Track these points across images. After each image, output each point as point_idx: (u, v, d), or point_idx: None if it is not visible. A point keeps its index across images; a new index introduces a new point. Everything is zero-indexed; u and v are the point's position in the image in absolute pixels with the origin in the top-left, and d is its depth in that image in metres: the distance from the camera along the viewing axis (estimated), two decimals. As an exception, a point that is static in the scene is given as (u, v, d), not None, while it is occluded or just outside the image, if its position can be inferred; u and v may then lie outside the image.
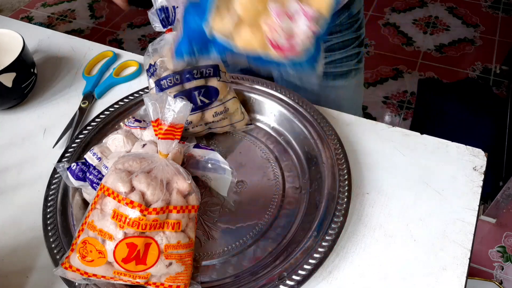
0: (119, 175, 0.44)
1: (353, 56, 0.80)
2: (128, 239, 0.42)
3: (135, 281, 0.45)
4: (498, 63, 2.02)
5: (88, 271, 0.44)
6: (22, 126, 0.71)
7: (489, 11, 2.32)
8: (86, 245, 0.43)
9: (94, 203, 0.45)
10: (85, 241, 0.44)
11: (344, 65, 0.80)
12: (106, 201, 0.44)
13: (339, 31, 0.76)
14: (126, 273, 0.44)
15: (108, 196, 0.44)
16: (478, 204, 0.55)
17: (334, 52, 0.78)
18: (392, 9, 2.37)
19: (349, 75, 0.82)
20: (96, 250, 0.43)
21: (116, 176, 0.44)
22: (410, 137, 0.63)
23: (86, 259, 0.43)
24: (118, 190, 0.43)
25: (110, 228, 0.43)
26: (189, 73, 0.58)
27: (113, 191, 0.43)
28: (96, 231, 0.43)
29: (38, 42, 0.86)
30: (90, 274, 0.44)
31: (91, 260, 0.43)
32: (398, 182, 0.58)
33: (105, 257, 0.43)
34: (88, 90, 0.75)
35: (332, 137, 0.59)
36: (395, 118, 1.84)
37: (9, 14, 2.51)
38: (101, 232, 0.43)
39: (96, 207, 0.44)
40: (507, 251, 1.39)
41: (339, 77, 0.82)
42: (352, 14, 0.76)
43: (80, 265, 0.44)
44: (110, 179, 0.44)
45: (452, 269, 0.50)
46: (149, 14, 0.57)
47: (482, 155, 0.61)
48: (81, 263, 0.44)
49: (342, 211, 0.51)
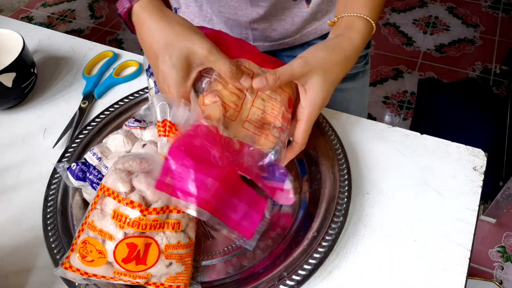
0: (119, 175, 0.44)
1: (361, 58, 0.79)
2: (128, 239, 0.42)
3: (135, 281, 0.45)
4: (498, 63, 2.02)
5: (88, 271, 0.44)
6: (22, 126, 0.71)
7: (489, 11, 2.32)
8: (86, 245, 0.43)
9: (94, 203, 0.45)
10: (85, 241, 0.44)
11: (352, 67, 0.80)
12: (106, 201, 0.44)
13: None
14: (126, 273, 0.44)
15: (108, 196, 0.44)
16: (478, 204, 0.55)
17: None
18: (392, 9, 2.37)
19: (357, 77, 0.81)
20: (96, 250, 0.43)
21: (116, 176, 0.44)
22: (410, 137, 0.63)
23: (86, 259, 0.43)
24: (118, 190, 0.43)
25: (110, 228, 0.43)
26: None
27: (113, 191, 0.43)
28: (96, 231, 0.43)
29: (38, 42, 0.86)
30: (90, 274, 0.44)
31: (91, 260, 0.43)
32: (398, 182, 0.58)
33: (105, 257, 0.43)
34: (88, 90, 0.75)
35: (332, 137, 0.59)
36: (395, 118, 1.84)
37: (9, 14, 2.51)
38: (101, 232, 0.43)
39: (96, 207, 0.44)
40: (507, 251, 1.39)
41: (347, 79, 0.78)
42: None
43: (80, 265, 0.44)
44: (110, 179, 0.44)
45: (452, 269, 0.50)
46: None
47: (482, 155, 0.61)
48: (81, 263, 0.44)
49: (342, 211, 0.51)
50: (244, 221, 0.46)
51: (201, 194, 0.42)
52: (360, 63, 0.80)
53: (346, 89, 0.81)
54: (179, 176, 0.43)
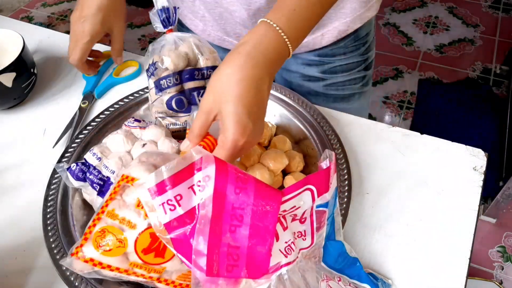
0: (146, 167, 0.44)
1: (357, 80, 0.76)
2: (152, 229, 0.41)
3: (148, 276, 0.43)
4: (498, 63, 2.02)
5: (102, 261, 0.43)
6: (22, 126, 0.71)
7: (489, 11, 2.32)
8: (105, 233, 0.43)
9: (114, 193, 0.44)
10: (104, 229, 0.43)
11: (346, 88, 0.76)
12: (129, 191, 0.44)
13: (343, 53, 0.72)
14: (143, 265, 0.43)
15: (132, 185, 0.43)
16: (478, 204, 0.55)
17: (336, 75, 0.74)
18: (392, 9, 2.37)
19: (352, 98, 0.77)
20: (116, 239, 0.42)
21: (142, 167, 0.44)
22: (410, 137, 0.63)
23: (103, 248, 0.42)
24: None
25: (133, 216, 0.42)
26: (189, 73, 0.58)
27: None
28: (117, 219, 0.43)
29: (38, 42, 0.86)
30: (104, 265, 0.43)
31: (109, 250, 0.42)
32: (398, 182, 0.58)
33: (125, 247, 0.42)
34: (88, 90, 0.75)
35: (332, 137, 0.59)
36: (395, 118, 1.84)
37: (9, 14, 2.51)
38: (123, 221, 0.42)
39: (117, 198, 0.44)
40: (507, 251, 1.39)
41: (341, 100, 0.77)
42: (359, 37, 0.71)
43: (94, 254, 0.43)
44: (135, 170, 0.44)
45: (452, 269, 0.50)
46: (150, 15, 0.57)
47: (482, 155, 0.61)
48: (96, 252, 0.42)
49: (342, 211, 0.51)
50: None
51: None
52: (356, 84, 0.76)
53: (340, 109, 0.76)
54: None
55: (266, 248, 0.38)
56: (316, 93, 0.77)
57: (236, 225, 0.38)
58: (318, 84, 0.76)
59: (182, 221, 0.38)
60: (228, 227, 0.38)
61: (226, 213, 0.38)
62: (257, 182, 0.39)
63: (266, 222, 0.38)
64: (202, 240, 0.37)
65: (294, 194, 0.40)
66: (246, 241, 0.38)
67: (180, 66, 0.57)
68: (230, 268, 0.38)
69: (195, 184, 0.39)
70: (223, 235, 0.38)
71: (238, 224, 0.38)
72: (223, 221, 0.38)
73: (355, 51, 0.72)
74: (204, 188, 0.38)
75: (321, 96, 0.77)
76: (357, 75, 0.75)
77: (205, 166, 0.39)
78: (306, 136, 0.61)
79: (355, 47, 0.72)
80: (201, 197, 0.38)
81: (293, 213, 0.42)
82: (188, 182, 0.39)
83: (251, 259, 0.38)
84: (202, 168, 0.39)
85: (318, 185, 0.41)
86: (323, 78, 0.75)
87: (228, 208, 0.38)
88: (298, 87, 0.78)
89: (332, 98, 0.77)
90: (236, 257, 0.38)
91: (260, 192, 0.39)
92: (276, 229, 0.39)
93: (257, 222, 0.38)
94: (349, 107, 0.77)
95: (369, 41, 0.74)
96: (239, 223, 0.38)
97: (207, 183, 0.38)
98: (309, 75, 0.76)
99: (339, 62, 0.73)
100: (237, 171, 0.39)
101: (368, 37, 0.73)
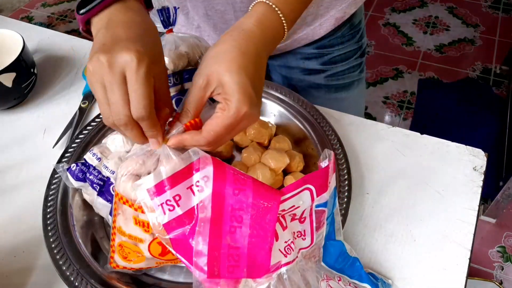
0: (127, 184, 0.42)
1: (355, 67, 0.78)
2: (158, 239, 0.43)
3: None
4: (498, 63, 2.02)
5: (133, 266, 0.46)
6: (22, 126, 0.71)
7: (489, 11, 2.32)
8: (123, 248, 0.45)
9: (115, 209, 0.44)
10: (121, 244, 0.45)
11: (346, 77, 0.78)
12: (124, 208, 0.44)
13: (341, 43, 0.74)
14: (168, 261, 0.45)
15: (124, 204, 0.43)
16: (478, 204, 0.55)
17: (336, 65, 0.76)
18: (392, 9, 2.37)
19: (352, 86, 0.80)
20: (133, 251, 0.44)
21: (124, 186, 0.43)
22: (410, 137, 0.63)
23: (127, 259, 0.45)
24: (131, 198, 0.42)
25: (137, 232, 0.43)
26: (189, 73, 0.58)
27: (127, 200, 0.42)
28: (126, 236, 0.44)
29: (38, 42, 0.86)
30: (137, 268, 0.46)
31: (133, 260, 0.45)
32: (398, 182, 0.58)
33: (143, 255, 0.44)
34: (88, 90, 0.75)
35: (332, 137, 0.59)
36: (395, 118, 1.84)
37: (9, 14, 2.51)
38: (131, 237, 0.44)
39: (119, 213, 0.44)
40: (507, 251, 1.39)
41: (342, 89, 0.79)
42: (353, 25, 0.74)
43: (125, 264, 0.46)
44: (120, 188, 0.43)
45: (452, 269, 0.50)
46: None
47: (482, 155, 0.61)
48: (125, 263, 0.46)
49: (342, 211, 0.51)
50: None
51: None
52: (355, 71, 0.78)
53: (341, 98, 0.79)
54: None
55: (266, 248, 0.38)
56: (318, 86, 0.79)
57: (236, 226, 0.38)
58: (319, 76, 0.78)
59: (181, 221, 0.38)
60: (228, 228, 0.38)
61: (225, 214, 0.38)
62: (255, 183, 0.39)
63: (265, 222, 0.38)
64: (202, 241, 0.37)
65: (293, 194, 0.40)
66: (246, 241, 0.38)
67: (180, 66, 0.57)
68: (231, 269, 0.38)
69: (193, 185, 0.39)
70: (223, 237, 0.38)
71: (238, 225, 0.38)
72: (223, 222, 0.38)
73: (351, 40, 0.75)
74: (203, 189, 0.38)
75: (323, 88, 0.79)
76: (354, 62, 0.78)
77: (203, 167, 0.39)
78: (306, 136, 0.61)
79: (351, 35, 0.75)
80: (200, 198, 0.38)
81: (292, 213, 0.42)
82: (186, 182, 0.39)
83: (252, 259, 0.38)
84: (201, 169, 0.38)
85: (317, 185, 0.41)
86: (324, 70, 0.77)
87: (227, 209, 0.38)
88: (299, 82, 0.80)
89: (334, 89, 0.79)
90: (236, 257, 0.38)
91: (259, 192, 0.39)
92: (276, 229, 0.39)
93: (257, 222, 0.38)
94: (349, 95, 0.80)
95: (362, 29, 0.77)
96: (238, 224, 0.38)
97: (205, 183, 0.38)
98: (310, 69, 0.77)
99: (338, 52, 0.75)
100: (235, 172, 0.39)
101: (360, 24, 0.76)
